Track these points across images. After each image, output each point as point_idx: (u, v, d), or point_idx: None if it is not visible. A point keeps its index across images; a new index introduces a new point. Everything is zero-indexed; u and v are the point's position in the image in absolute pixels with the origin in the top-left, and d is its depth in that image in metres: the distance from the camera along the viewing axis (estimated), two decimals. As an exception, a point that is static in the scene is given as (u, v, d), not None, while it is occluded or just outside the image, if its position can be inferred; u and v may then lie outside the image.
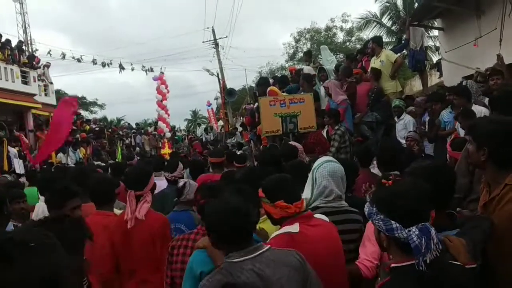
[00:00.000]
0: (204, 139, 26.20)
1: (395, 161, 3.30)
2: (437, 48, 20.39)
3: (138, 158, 15.97)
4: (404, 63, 11.03)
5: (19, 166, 12.73)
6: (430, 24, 12.93)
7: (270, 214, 2.70)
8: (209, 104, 32.77)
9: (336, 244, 2.71)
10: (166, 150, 16.75)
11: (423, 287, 1.73)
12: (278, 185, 2.67)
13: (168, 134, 19.01)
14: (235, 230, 2.16)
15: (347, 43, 34.14)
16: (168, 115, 19.75)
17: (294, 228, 2.57)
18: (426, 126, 7.21)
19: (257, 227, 2.75)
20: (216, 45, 30.54)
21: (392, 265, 1.88)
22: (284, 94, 8.64)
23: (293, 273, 2.15)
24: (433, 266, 1.71)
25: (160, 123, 19.99)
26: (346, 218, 3.06)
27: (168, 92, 20.45)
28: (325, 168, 3.13)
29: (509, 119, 2.45)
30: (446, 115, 6.73)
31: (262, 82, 10.27)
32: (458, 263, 1.91)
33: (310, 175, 3.23)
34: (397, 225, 1.78)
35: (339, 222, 2.99)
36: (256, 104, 13.26)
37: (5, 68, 18.13)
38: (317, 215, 2.89)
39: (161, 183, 5.62)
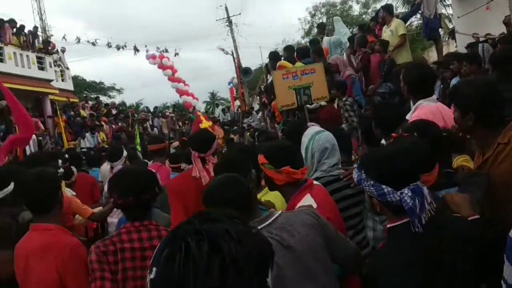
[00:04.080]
0: (221, 120, 26.28)
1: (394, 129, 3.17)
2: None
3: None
4: (420, 33, 10.72)
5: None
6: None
7: (272, 180, 2.63)
8: (231, 81, 32.37)
9: (335, 208, 2.71)
10: (205, 124, 13.06)
11: (421, 244, 1.70)
12: (284, 151, 2.63)
13: (200, 105, 16.89)
14: None
15: (363, 16, 33.48)
16: (186, 85, 17.36)
17: (309, 202, 2.48)
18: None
19: (262, 200, 2.72)
20: (230, 23, 30.34)
21: (388, 225, 1.86)
22: (297, 65, 8.43)
23: (312, 232, 2.08)
24: (429, 224, 1.69)
25: (184, 97, 16.75)
26: (346, 184, 3.03)
27: (172, 64, 17.88)
28: (320, 139, 3.11)
29: (487, 79, 2.42)
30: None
31: (272, 57, 10.07)
32: (459, 215, 1.90)
33: (304, 148, 3.18)
34: (389, 189, 1.73)
35: (340, 189, 2.99)
36: (270, 79, 13.07)
37: (20, 54, 18.32)
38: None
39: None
